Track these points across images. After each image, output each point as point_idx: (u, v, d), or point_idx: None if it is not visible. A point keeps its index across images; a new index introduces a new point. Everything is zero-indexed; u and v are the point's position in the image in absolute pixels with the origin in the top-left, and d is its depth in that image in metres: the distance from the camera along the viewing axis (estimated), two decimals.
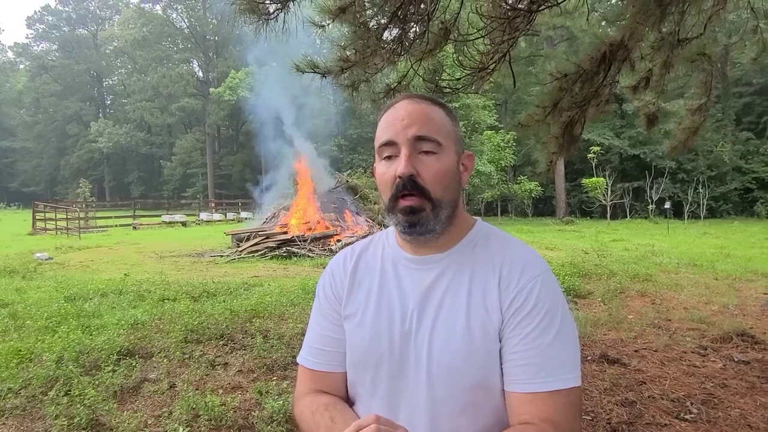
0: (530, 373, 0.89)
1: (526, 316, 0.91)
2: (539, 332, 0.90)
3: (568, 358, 0.91)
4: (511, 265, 0.95)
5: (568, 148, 3.80)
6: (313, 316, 1.13)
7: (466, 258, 0.99)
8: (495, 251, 0.99)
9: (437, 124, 0.96)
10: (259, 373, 3.92)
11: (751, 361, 4.16)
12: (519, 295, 0.92)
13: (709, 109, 4.48)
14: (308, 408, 1.02)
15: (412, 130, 0.93)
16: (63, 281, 7.92)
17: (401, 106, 0.96)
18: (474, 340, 0.92)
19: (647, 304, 6.29)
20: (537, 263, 0.97)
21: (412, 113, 0.94)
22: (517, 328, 0.91)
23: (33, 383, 3.55)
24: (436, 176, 0.93)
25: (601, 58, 3.20)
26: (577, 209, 29.64)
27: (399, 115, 0.95)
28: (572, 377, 0.90)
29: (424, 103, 0.97)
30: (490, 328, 0.92)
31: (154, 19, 52.67)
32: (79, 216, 22.86)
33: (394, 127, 0.94)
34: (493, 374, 0.93)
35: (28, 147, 59.10)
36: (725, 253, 11.12)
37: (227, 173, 49.25)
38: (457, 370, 0.92)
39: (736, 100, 29.02)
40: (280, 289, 6.96)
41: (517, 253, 0.98)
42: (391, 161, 0.95)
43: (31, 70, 58.37)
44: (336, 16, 3.26)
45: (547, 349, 0.90)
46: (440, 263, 0.99)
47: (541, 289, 0.93)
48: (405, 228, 0.95)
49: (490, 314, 0.93)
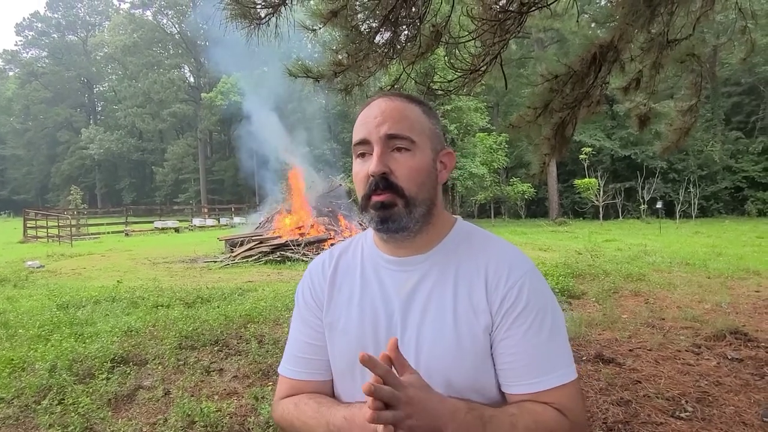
0: (532, 374, 0.89)
1: (518, 317, 0.90)
2: (534, 331, 0.90)
3: (564, 351, 0.92)
4: (497, 265, 0.94)
5: (560, 149, 3.82)
6: (293, 324, 1.10)
7: (449, 258, 0.97)
8: (478, 251, 0.98)
9: (411, 122, 0.94)
10: (254, 378, 3.91)
11: (744, 359, 4.18)
12: (509, 295, 0.91)
13: (699, 110, 4.52)
14: (290, 402, 1.01)
15: (384, 128, 0.92)
16: (55, 289, 7.85)
17: (375, 105, 0.96)
18: (462, 341, 0.91)
19: (641, 304, 6.32)
20: (522, 261, 0.96)
21: (384, 111, 0.93)
22: (512, 329, 0.90)
23: (26, 392, 3.52)
24: (410, 174, 0.92)
25: (591, 59, 3.22)
26: (570, 210, 29.76)
27: (372, 113, 0.94)
28: (571, 370, 0.91)
29: (398, 100, 0.96)
30: (478, 329, 0.91)
31: (144, 24, 52.49)
32: (71, 223, 22.69)
33: (367, 126, 0.93)
34: (484, 375, 0.92)
35: (18, 154, 58.65)
36: (717, 252, 11.20)
37: (220, 178, 49.08)
38: (446, 372, 0.91)
39: (725, 100, 29.28)
40: (274, 294, 6.93)
41: (502, 252, 0.97)
42: (365, 159, 0.95)
43: (20, 77, 57.96)
44: (328, 20, 3.27)
45: (544, 346, 0.90)
46: (423, 264, 0.97)
47: (530, 286, 0.92)
48: (378, 224, 0.94)
49: (478, 315, 0.92)
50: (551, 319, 0.92)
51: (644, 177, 25.16)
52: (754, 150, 27.32)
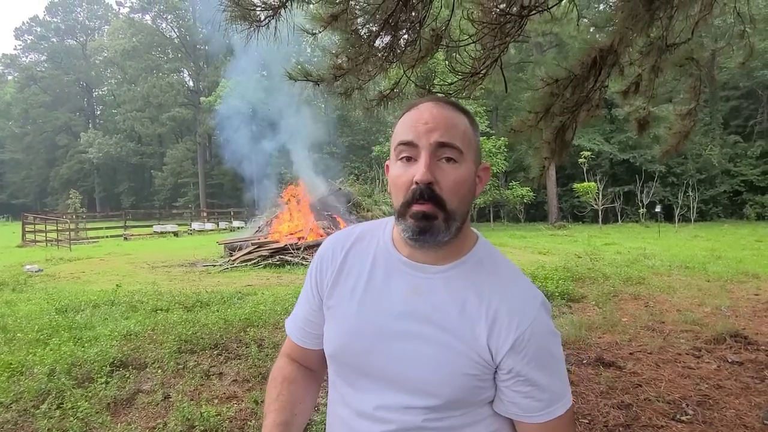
0: (543, 407, 0.92)
1: (531, 360, 0.90)
2: (548, 370, 0.92)
3: (565, 377, 0.96)
4: (510, 304, 0.92)
5: (560, 153, 3.83)
6: (302, 293, 1.13)
7: (464, 278, 0.95)
8: (494, 279, 0.95)
9: (460, 132, 0.91)
10: (254, 382, 3.90)
11: (744, 362, 4.19)
12: (520, 338, 0.90)
13: (698, 114, 4.52)
14: (274, 372, 1.13)
15: (435, 135, 0.89)
16: (54, 293, 7.83)
17: (426, 109, 0.92)
18: (457, 366, 0.91)
19: (641, 307, 6.32)
20: (533, 300, 0.94)
21: (437, 117, 0.90)
22: (522, 374, 0.91)
23: (24, 397, 3.51)
24: (455, 186, 0.89)
25: (591, 63, 3.23)
26: (569, 214, 29.77)
27: (423, 117, 0.90)
28: (569, 396, 0.96)
29: (449, 108, 0.93)
30: (474, 357, 0.91)
31: (143, 29, 52.52)
32: (70, 227, 22.63)
33: (416, 129, 0.90)
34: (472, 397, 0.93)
35: (17, 158, 58.58)
36: (716, 256, 11.21)
37: (219, 182, 49.02)
38: (428, 388, 0.91)
39: (724, 103, 29.35)
40: (274, 298, 6.92)
41: (516, 288, 0.95)
42: (409, 164, 0.91)
43: (19, 81, 57.92)
44: (328, 24, 3.27)
45: (555, 379, 0.93)
46: (437, 276, 0.95)
47: (541, 328, 0.92)
48: (414, 234, 0.90)
49: (477, 346, 0.91)
50: (557, 356, 0.94)
51: (643, 181, 25.18)
52: (753, 154, 27.40)
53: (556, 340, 0.95)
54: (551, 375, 0.92)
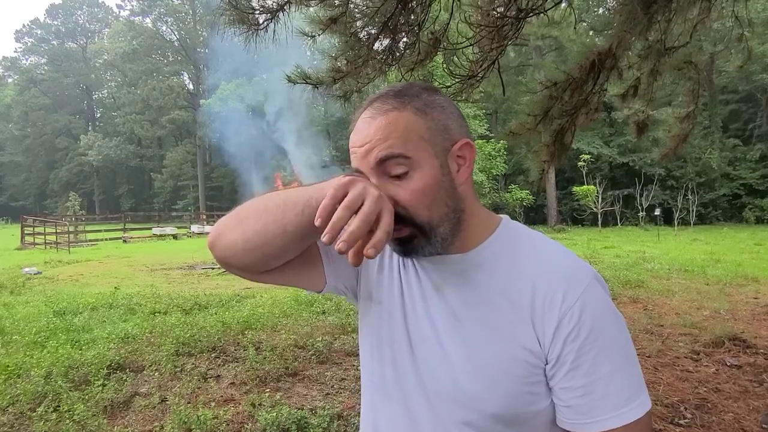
0: (607, 409, 0.75)
1: (583, 345, 0.75)
2: (606, 358, 0.76)
3: (637, 376, 0.78)
4: (549, 281, 0.79)
5: (560, 156, 3.83)
6: None
7: (489, 265, 0.84)
8: (527, 259, 0.83)
9: (399, 135, 0.77)
10: (251, 385, 3.88)
11: (743, 365, 4.18)
12: (566, 319, 0.76)
13: (697, 117, 4.53)
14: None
15: (372, 155, 0.78)
16: (52, 296, 7.82)
17: (360, 126, 0.81)
18: (499, 363, 0.79)
19: (639, 310, 6.31)
20: (580, 274, 0.80)
21: (370, 133, 0.78)
22: (577, 360, 0.76)
23: (21, 399, 3.50)
24: (414, 198, 0.78)
25: (590, 66, 3.23)
26: (569, 217, 29.78)
27: (357, 140, 0.81)
28: (646, 398, 0.77)
29: (383, 110, 0.79)
30: (518, 353, 0.78)
31: (143, 32, 52.67)
32: (69, 230, 22.64)
33: (356, 157, 0.81)
34: (522, 405, 0.79)
35: (16, 161, 58.63)
36: (715, 259, 11.20)
37: (218, 185, 49.08)
38: (475, 395, 0.79)
39: (723, 107, 29.41)
40: (272, 301, 6.91)
41: (555, 262, 0.82)
42: None
43: (19, 83, 58.03)
44: (327, 27, 3.27)
45: (618, 375, 0.76)
46: (456, 266, 0.85)
47: (592, 306, 0.77)
48: (400, 255, 0.86)
49: (519, 337, 0.78)
50: (621, 341, 0.78)
51: (642, 184, 25.20)
52: (752, 157, 27.43)
53: (618, 319, 0.79)
54: (613, 362, 0.75)
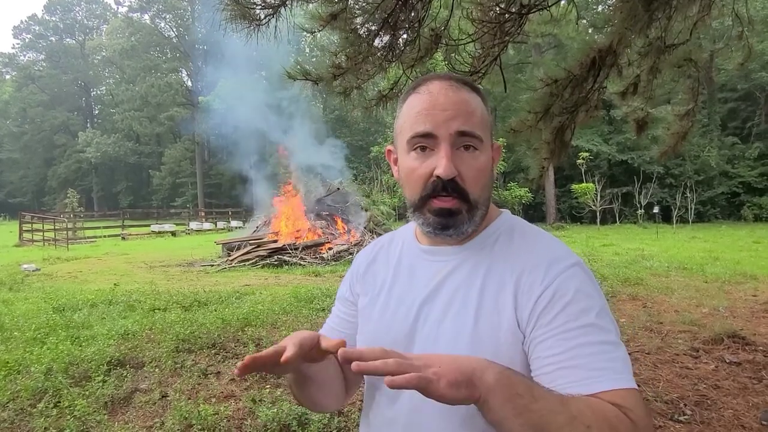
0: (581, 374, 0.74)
1: (559, 314, 0.77)
2: (581, 329, 0.76)
3: (621, 358, 0.77)
4: (534, 264, 0.83)
5: (560, 154, 3.83)
6: (336, 302, 1.11)
7: (484, 253, 0.88)
8: (518, 248, 0.88)
9: (479, 117, 0.85)
10: (252, 381, 3.89)
11: (742, 362, 4.19)
12: (544, 294, 0.79)
13: (696, 115, 4.53)
14: None
15: (455, 124, 0.81)
16: (51, 292, 7.81)
17: (439, 92, 0.84)
18: (481, 344, 0.81)
19: (639, 308, 6.32)
20: (564, 257, 0.84)
21: (455, 103, 0.82)
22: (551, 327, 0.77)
23: (21, 395, 3.50)
24: (477, 176, 0.84)
25: (590, 63, 3.23)
26: (568, 215, 29.79)
27: (439, 103, 0.82)
28: (629, 378, 0.76)
29: (464, 89, 0.85)
30: (500, 333, 0.81)
31: (142, 28, 52.47)
32: (67, 227, 22.58)
33: (434, 118, 0.82)
34: None
35: (14, 158, 58.45)
36: (714, 257, 11.23)
37: (217, 182, 48.99)
38: None
39: (722, 105, 29.43)
40: (272, 298, 6.91)
41: (542, 249, 0.86)
42: (425, 154, 0.84)
43: (17, 80, 57.81)
44: (327, 23, 3.27)
45: (595, 347, 0.75)
46: (456, 257, 0.90)
47: (571, 283, 0.79)
48: (435, 229, 0.86)
49: (501, 317, 0.82)
50: (601, 320, 0.77)
51: (641, 182, 25.20)
52: (751, 155, 27.46)
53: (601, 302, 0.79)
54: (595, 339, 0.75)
